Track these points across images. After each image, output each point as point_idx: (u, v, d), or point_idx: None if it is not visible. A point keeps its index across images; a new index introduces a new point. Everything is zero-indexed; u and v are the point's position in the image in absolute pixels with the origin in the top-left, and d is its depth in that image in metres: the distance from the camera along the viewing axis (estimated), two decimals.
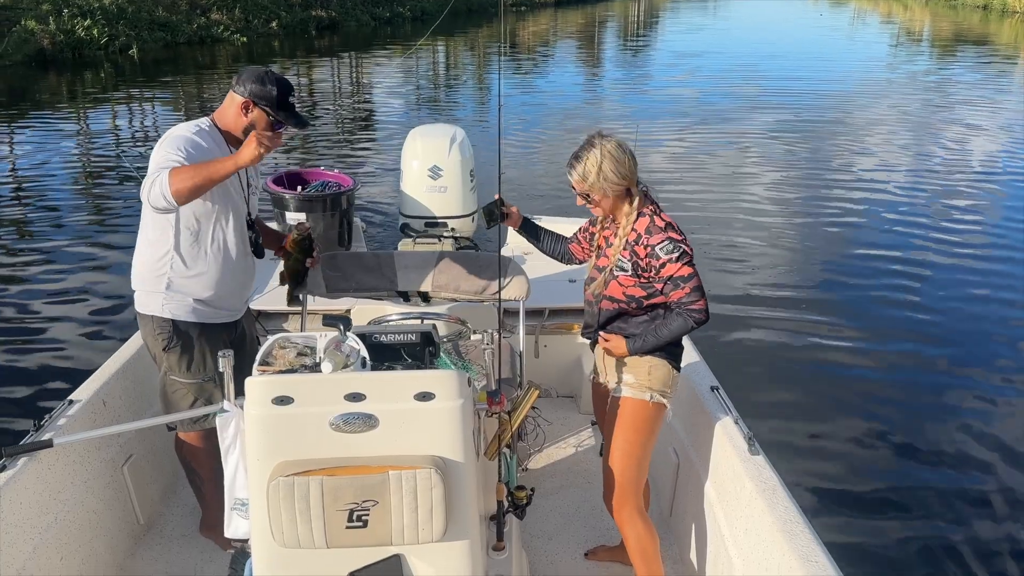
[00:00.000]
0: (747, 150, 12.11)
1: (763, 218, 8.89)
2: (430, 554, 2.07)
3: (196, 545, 3.15)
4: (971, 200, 9.64)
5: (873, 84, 19.03)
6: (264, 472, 1.95)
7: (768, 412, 4.86)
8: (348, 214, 4.69)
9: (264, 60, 22.47)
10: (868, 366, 5.61)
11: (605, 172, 2.46)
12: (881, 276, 7.28)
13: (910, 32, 34.90)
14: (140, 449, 3.26)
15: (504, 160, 8.27)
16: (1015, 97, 17.23)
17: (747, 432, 2.72)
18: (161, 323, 2.78)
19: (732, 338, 5.95)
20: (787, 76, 19.73)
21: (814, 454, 4.56)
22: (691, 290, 2.46)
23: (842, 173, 10.92)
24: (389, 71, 21.49)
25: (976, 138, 13.19)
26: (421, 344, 2.33)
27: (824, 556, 2.22)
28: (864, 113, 15.25)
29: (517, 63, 22.51)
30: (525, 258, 4.88)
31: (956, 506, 4.15)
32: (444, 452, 2.01)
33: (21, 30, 19.86)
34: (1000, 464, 4.51)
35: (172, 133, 2.65)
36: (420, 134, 5.12)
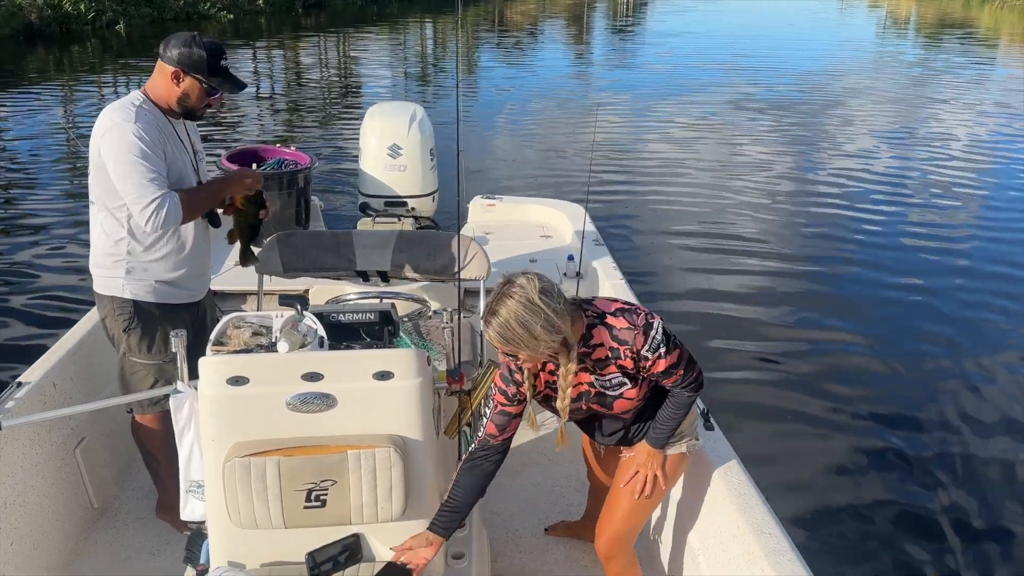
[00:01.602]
0: (731, 136, 12.07)
1: (739, 198, 8.92)
2: (390, 532, 2.07)
3: (152, 528, 3.10)
4: (955, 186, 9.63)
5: (860, 69, 19.11)
6: (219, 453, 1.93)
7: (723, 388, 4.95)
8: (305, 193, 4.62)
9: (250, 37, 22.55)
10: (826, 341, 5.71)
11: (532, 329, 1.95)
12: (848, 254, 7.37)
13: (896, 19, 35.22)
14: (93, 432, 3.19)
15: (475, 140, 8.25)
16: (997, 81, 17.59)
17: (703, 408, 2.76)
18: (122, 304, 2.73)
19: (691, 317, 6.03)
20: (773, 61, 19.70)
21: (769, 429, 4.65)
22: (684, 369, 2.18)
23: (826, 156, 10.96)
24: (371, 50, 21.39)
25: (961, 122, 13.29)
26: (380, 323, 2.32)
27: (778, 528, 2.27)
28: (850, 98, 15.25)
29: (501, 43, 22.49)
30: (487, 238, 4.88)
31: (908, 477, 4.28)
32: (403, 431, 2.01)
33: (9, 4, 20.05)
34: (956, 431, 4.65)
35: (116, 129, 2.54)
36: (379, 112, 5.05)
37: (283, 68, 18.23)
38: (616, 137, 11.50)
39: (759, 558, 2.17)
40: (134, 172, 2.49)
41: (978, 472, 4.34)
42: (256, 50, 21.16)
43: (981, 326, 6.05)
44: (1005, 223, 8.37)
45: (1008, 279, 6.89)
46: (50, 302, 6.01)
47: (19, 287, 6.28)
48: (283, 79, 16.48)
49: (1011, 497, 4.16)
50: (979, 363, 5.47)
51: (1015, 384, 5.20)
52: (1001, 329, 6.00)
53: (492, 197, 5.35)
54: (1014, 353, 5.64)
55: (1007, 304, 6.40)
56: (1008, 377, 5.28)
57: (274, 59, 20.36)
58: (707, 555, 2.50)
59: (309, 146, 10.72)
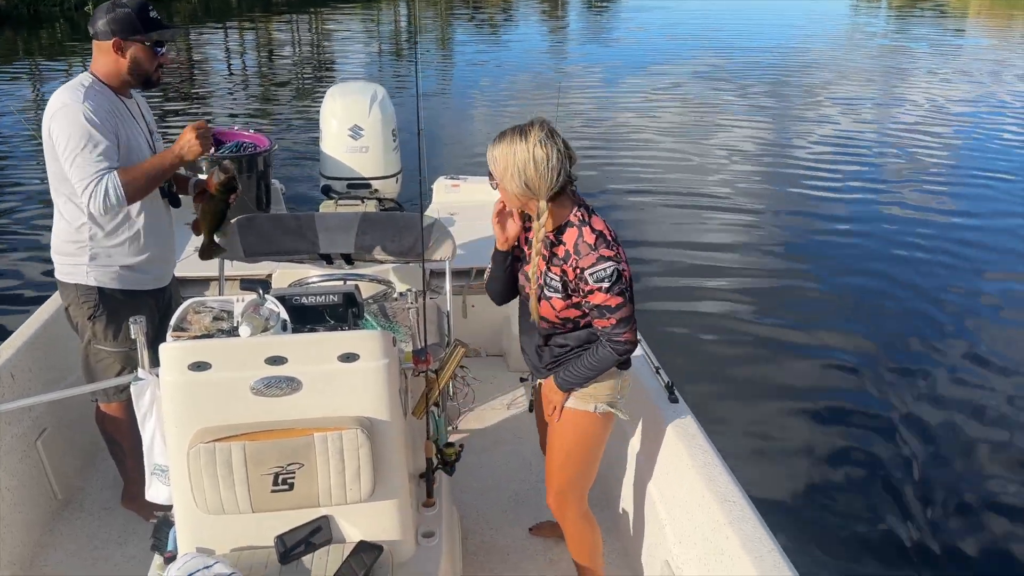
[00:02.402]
0: (701, 108, 12.12)
1: (710, 170, 9.03)
2: (359, 513, 2.07)
3: (118, 517, 3.07)
4: (924, 153, 9.76)
5: (833, 43, 19.22)
6: (183, 439, 1.91)
7: (688, 361, 5.02)
8: (266, 176, 4.55)
9: (220, 17, 22.37)
10: (795, 315, 5.80)
11: (512, 169, 2.10)
12: (818, 227, 7.49)
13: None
14: (55, 422, 3.14)
15: (443, 120, 8.14)
16: (967, 52, 17.90)
17: (667, 381, 2.80)
18: (86, 291, 2.68)
19: (659, 290, 6.09)
20: (747, 36, 19.72)
21: (733, 401, 4.74)
22: (617, 321, 2.18)
23: (797, 128, 11.07)
24: (342, 29, 21.10)
25: (931, 92, 13.47)
26: (344, 305, 2.30)
27: (742, 497, 2.32)
28: (824, 71, 15.36)
29: (474, 18, 22.25)
30: (452, 219, 4.86)
31: (870, 448, 4.39)
32: (370, 412, 2.01)
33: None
34: (920, 403, 4.78)
35: (64, 111, 2.48)
36: (339, 93, 4.99)
37: (251, 48, 18.12)
38: (583, 111, 11.51)
39: (723, 525, 2.21)
40: (79, 153, 2.44)
41: (939, 441, 4.46)
42: (227, 31, 20.87)
43: (948, 296, 6.18)
44: (975, 192, 8.51)
45: (976, 246, 7.02)
46: (5, 291, 5.87)
47: None
48: (247, 60, 16.30)
49: (965, 455, 4.31)
50: (944, 335, 5.60)
51: (983, 354, 5.30)
52: (969, 298, 6.13)
53: (456, 178, 5.33)
54: (981, 320, 5.77)
55: (977, 266, 6.54)
56: (976, 348, 5.39)
57: (245, 39, 20.15)
58: (673, 524, 2.54)
59: (272, 128, 10.60)
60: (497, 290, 2.49)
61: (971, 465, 4.25)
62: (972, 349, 5.38)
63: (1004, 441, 4.42)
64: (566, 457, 2.47)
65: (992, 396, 4.84)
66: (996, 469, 4.20)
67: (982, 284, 6.36)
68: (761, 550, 2.10)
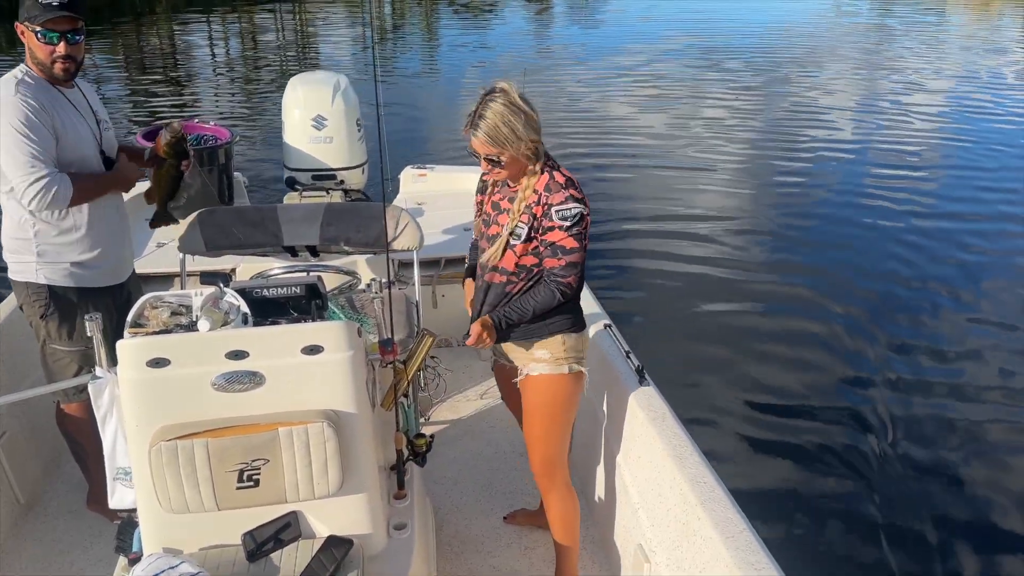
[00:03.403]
0: (678, 96, 12.07)
1: (686, 157, 9.04)
2: (328, 508, 2.04)
3: (83, 520, 3.01)
4: (908, 143, 9.69)
5: (818, 31, 19.25)
6: (144, 438, 1.87)
7: (658, 344, 5.04)
8: (227, 169, 4.48)
9: (205, 6, 21.93)
10: (767, 301, 5.83)
11: (516, 129, 2.17)
12: (795, 213, 7.50)
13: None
14: (15, 426, 3.06)
15: (412, 108, 7.94)
16: (952, 39, 18.03)
17: (637, 364, 2.79)
18: (36, 289, 2.61)
19: (631, 274, 6.11)
20: (732, 27, 19.57)
21: (702, 383, 4.77)
22: (567, 263, 2.25)
23: (779, 115, 11.06)
24: (325, 20, 20.75)
25: (917, 80, 13.49)
26: (307, 297, 2.26)
27: (713, 477, 2.33)
28: (810, 58, 15.38)
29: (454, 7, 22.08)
30: (421, 208, 4.82)
31: (841, 432, 4.43)
32: (336, 405, 1.98)
33: None
34: (889, 387, 4.83)
35: (2, 110, 2.41)
36: (300, 82, 4.91)
37: (221, 39, 17.84)
38: (549, 93, 11.46)
39: (695, 506, 2.22)
40: (15, 148, 2.37)
41: (908, 419, 4.53)
42: (211, 22, 20.53)
43: (922, 274, 6.23)
44: (964, 179, 8.48)
45: (964, 232, 7.00)
46: None
47: None
48: (216, 50, 16.02)
49: (946, 448, 4.35)
50: (918, 311, 5.67)
51: (958, 343, 5.31)
52: (949, 284, 6.12)
53: (423, 167, 5.28)
54: (960, 304, 5.79)
55: (962, 258, 6.52)
56: (954, 337, 5.40)
57: (224, 29, 19.90)
58: (646, 508, 2.55)
59: (235, 119, 10.42)
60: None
61: (939, 438, 4.33)
62: (941, 329, 5.46)
63: (963, 419, 4.50)
64: (550, 423, 2.48)
65: (953, 372, 4.93)
66: (961, 448, 4.28)
67: (956, 269, 6.37)
68: (733, 530, 2.11)
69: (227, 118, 10.60)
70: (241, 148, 8.73)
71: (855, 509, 3.81)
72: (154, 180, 2.78)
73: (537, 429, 2.50)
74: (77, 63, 2.55)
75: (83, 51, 2.58)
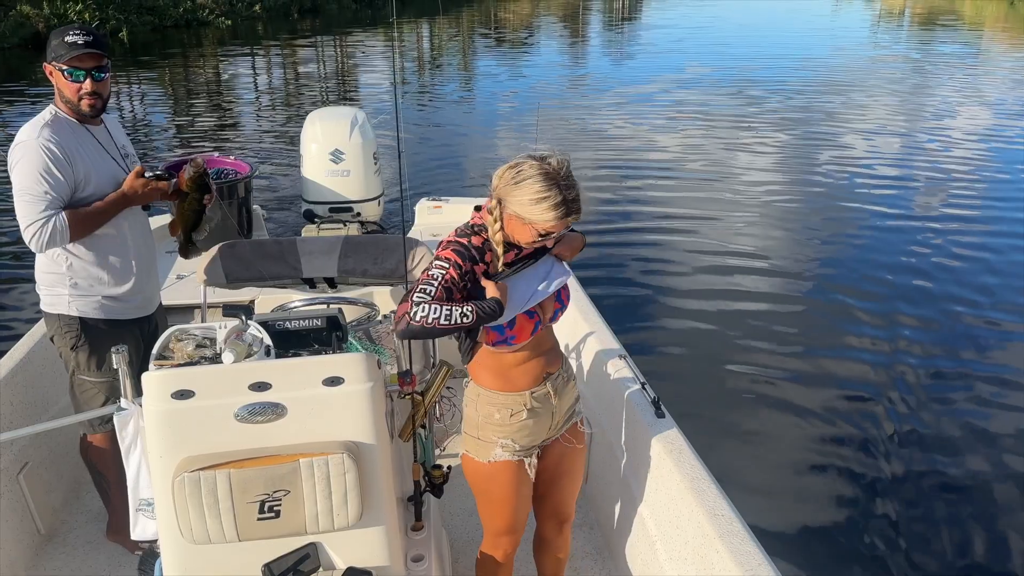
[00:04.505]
0: (726, 133, 11.99)
1: (707, 193, 8.98)
2: (347, 539, 2.05)
3: (103, 551, 3.03)
4: (952, 181, 9.47)
5: (857, 64, 19.19)
6: (168, 469, 1.89)
7: (675, 377, 5.03)
8: (247, 202, 4.55)
9: (248, 42, 22.93)
10: (780, 334, 5.80)
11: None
12: (816, 247, 7.43)
13: (891, 12, 35.74)
14: (37, 456, 3.10)
15: (435, 142, 7.95)
16: (988, 69, 18.06)
17: (653, 396, 2.80)
18: (68, 321, 2.67)
19: (643, 307, 6.11)
20: (771, 59, 19.64)
21: (721, 417, 4.74)
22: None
23: (817, 149, 10.94)
24: (360, 54, 21.40)
25: (958, 111, 13.40)
26: (327, 329, 2.30)
27: (731, 510, 2.32)
28: (848, 93, 15.28)
29: (487, 43, 22.68)
30: (436, 240, 4.86)
31: (858, 463, 4.39)
32: (356, 436, 2.00)
33: (17, 15, 21.02)
34: (909, 417, 4.79)
35: (20, 147, 2.48)
36: (319, 117, 5.01)
37: (269, 70, 18.55)
38: (563, 130, 11.56)
39: (713, 539, 2.21)
40: (24, 191, 2.45)
41: (934, 455, 4.47)
42: (254, 55, 21.21)
43: (941, 309, 6.15)
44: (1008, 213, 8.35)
45: (993, 273, 6.84)
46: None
47: None
48: (239, 86, 16.55)
49: (957, 466, 4.32)
50: (929, 350, 5.61)
51: (976, 377, 5.23)
52: (961, 320, 6.03)
53: (438, 199, 5.34)
54: (984, 343, 5.67)
55: (976, 299, 6.37)
56: (975, 368, 5.32)
57: (271, 60, 20.54)
58: (664, 541, 2.54)
59: (253, 153, 10.59)
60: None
61: (966, 481, 4.26)
62: (968, 368, 5.32)
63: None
64: (578, 481, 2.47)
65: (997, 420, 4.76)
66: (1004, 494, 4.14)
67: (991, 307, 6.22)
68: (751, 563, 2.10)
69: (251, 151, 10.81)
70: (261, 181, 8.86)
71: (878, 547, 3.76)
72: (177, 213, 2.85)
73: (576, 488, 2.47)
74: (103, 99, 2.63)
75: (109, 87, 2.65)
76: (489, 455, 2.22)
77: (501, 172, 2.05)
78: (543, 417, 2.25)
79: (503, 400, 2.19)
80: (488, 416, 2.20)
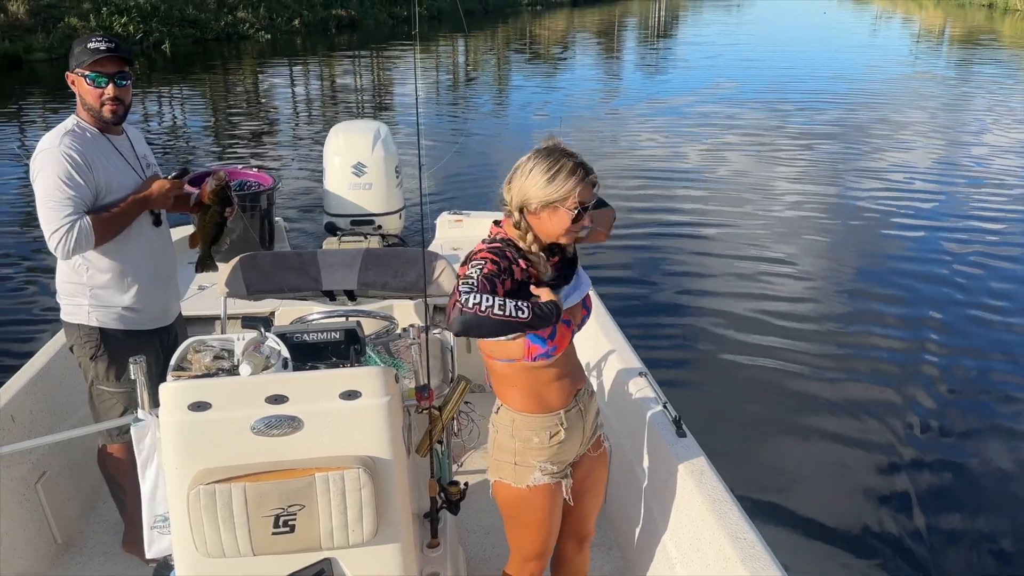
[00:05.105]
0: (756, 148, 11.89)
1: (733, 208, 8.91)
2: (362, 556, 2.03)
3: (119, 562, 3.02)
4: (992, 206, 9.19)
5: (897, 82, 19.04)
6: (183, 481, 1.88)
7: (697, 395, 4.96)
8: (269, 214, 4.57)
9: (287, 56, 23.56)
10: (798, 352, 5.70)
11: None
12: (844, 264, 7.30)
13: (930, 31, 35.58)
14: (55, 465, 3.11)
15: (460, 156, 7.91)
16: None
17: (675, 415, 2.75)
18: (88, 331, 2.68)
19: (664, 327, 6.05)
20: (812, 77, 19.44)
21: (742, 434, 4.67)
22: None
23: (854, 169, 10.72)
24: (396, 68, 21.74)
25: (993, 130, 13.20)
26: (346, 342, 2.28)
27: (753, 533, 2.27)
28: (888, 112, 15.10)
29: (519, 58, 23.05)
30: (456, 255, 4.85)
31: (881, 482, 4.30)
32: (373, 451, 1.97)
33: (65, 27, 21.48)
34: (936, 432, 4.70)
35: (42, 156, 2.49)
36: (342, 130, 5.03)
37: (307, 83, 19.02)
38: (596, 150, 11.56)
39: (735, 563, 2.16)
40: (47, 199, 2.46)
41: (962, 471, 4.37)
42: (292, 68, 21.76)
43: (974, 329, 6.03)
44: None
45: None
46: (11, 331, 5.86)
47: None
48: (297, 95, 17.01)
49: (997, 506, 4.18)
50: (959, 366, 5.50)
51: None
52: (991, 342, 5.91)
53: (459, 213, 5.34)
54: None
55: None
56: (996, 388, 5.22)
57: (309, 72, 21.05)
58: (683, 561, 2.48)
59: (277, 166, 10.69)
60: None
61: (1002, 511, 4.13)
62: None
63: None
64: (600, 498, 2.45)
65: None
66: None
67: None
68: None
69: (278, 162, 10.95)
70: (284, 193, 8.93)
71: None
72: (199, 226, 2.85)
73: (597, 505, 2.45)
74: (125, 106, 2.64)
75: (130, 94, 2.67)
76: (528, 480, 2.18)
77: (506, 185, 2.06)
78: (576, 434, 2.22)
79: (541, 423, 2.15)
80: (527, 441, 2.16)
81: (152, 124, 14.15)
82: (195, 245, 2.90)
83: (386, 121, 6.87)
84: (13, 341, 5.65)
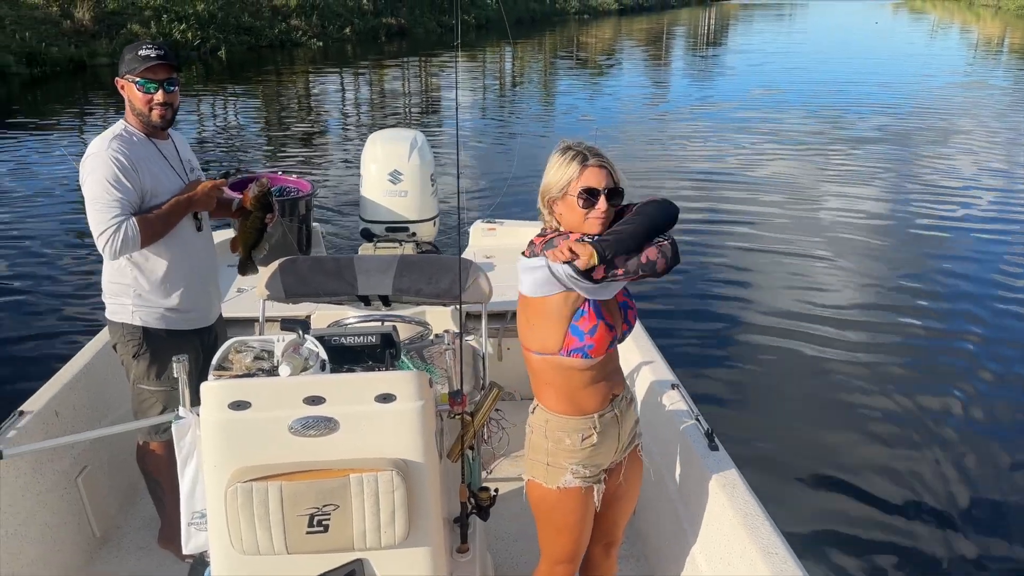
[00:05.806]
0: (805, 158, 11.81)
1: (781, 219, 8.86)
2: (393, 558, 2.05)
3: (154, 557, 3.08)
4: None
5: (955, 93, 18.79)
6: (221, 478, 1.92)
7: (729, 409, 4.92)
8: (307, 219, 4.65)
9: (338, 63, 24.26)
10: (833, 364, 5.63)
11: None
12: (874, 283, 7.16)
13: (988, 41, 35.12)
14: (95, 460, 3.18)
15: (493, 165, 7.85)
16: None
17: (707, 428, 2.74)
18: (131, 330, 2.74)
19: (696, 338, 6.01)
20: (866, 86, 19.27)
21: (775, 448, 4.61)
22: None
23: (907, 181, 10.60)
24: (443, 75, 22.22)
25: None
26: (381, 346, 2.31)
27: (784, 549, 2.25)
28: (950, 120, 14.99)
29: (566, 67, 23.22)
30: (490, 262, 4.88)
31: (916, 499, 4.22)
32: (406, 454, 2.00)
33: (127, 33, 22.67)
34: (966, 445, 4.61)
35: (90, 160, 2.57)
36: (380, 139, 5.10)
37: (357, 90, 19.54)
38: (634, 159, 11.55)
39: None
40: (95, 200, 2.52)
41: (988, 488, 4.28)
42: (342, 75, 22.28)
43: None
44: None
45: None
46: (57, 328, 6.01)
47: (29, 311, 6.29)
48: (347, 101, 17.44)
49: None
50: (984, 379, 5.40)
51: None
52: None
53: (492, 221, 5.37)
54: None
55: None
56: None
57: (359, 79, 21.53)
58: (713, 574, 2.47)
59: (315, 173, 10.85)
60: None
61: None
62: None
63: None
64: (632, 506, 2.45)
65: None
66: None
67: None
68: None
69: (319, 168, 11.13)
70: (322, 199, 9.05)
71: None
72: (240, 230, 2.92)
73: (628, 515, 2.45)
74: (173, 110, 2.72)
75: (178, 99, 2.75)
76: (559, 481, 2.19)
77: (541, 193, 2.12)
78: (610, 440, 2.23)
79: (574, 425, 2.17)
80: (558, 442, 2.18)
81: (207, 126, 14.58)
82: (236, 249, 2.97)
83: (430, 126, 6.94)
84: (60, 338, 5.80)
